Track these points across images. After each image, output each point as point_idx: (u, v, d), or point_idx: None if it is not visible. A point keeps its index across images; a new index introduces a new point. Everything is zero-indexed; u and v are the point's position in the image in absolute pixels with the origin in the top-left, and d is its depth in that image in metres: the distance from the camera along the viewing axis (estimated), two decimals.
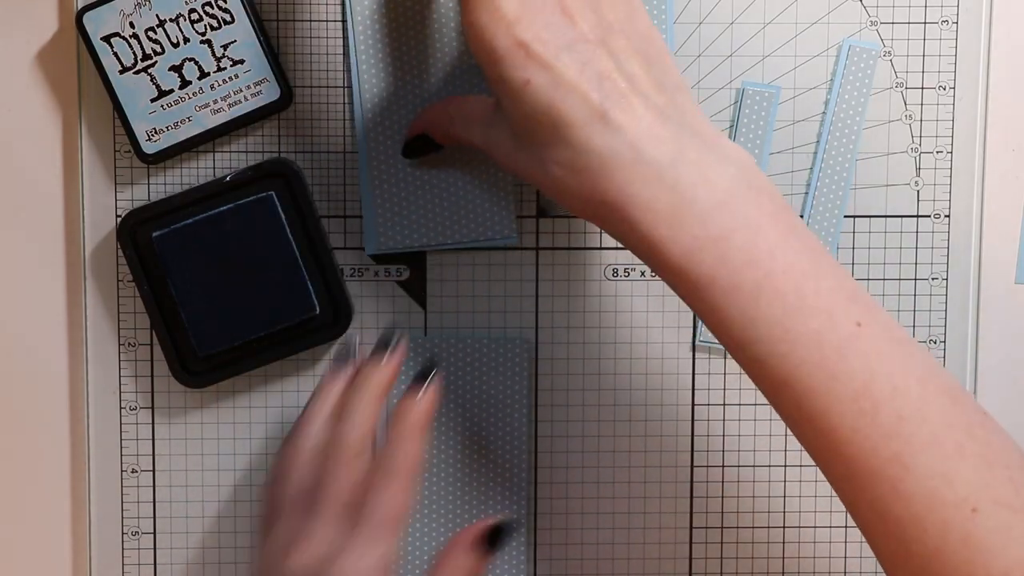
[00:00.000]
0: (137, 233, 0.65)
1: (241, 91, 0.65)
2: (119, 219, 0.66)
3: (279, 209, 0.65)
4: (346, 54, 0.66)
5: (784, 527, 0.69)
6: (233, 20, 0.65)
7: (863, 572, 0.69)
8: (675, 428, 0.69)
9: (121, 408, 0.68)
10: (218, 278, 0.65)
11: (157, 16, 0.64)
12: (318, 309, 0.65)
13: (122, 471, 0.68)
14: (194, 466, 0.68)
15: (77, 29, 0.64)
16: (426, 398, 0.61)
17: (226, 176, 0.66)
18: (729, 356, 0.68)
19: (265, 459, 0.68)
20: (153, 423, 0.68)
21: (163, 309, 0.66)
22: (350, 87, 0.67)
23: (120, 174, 0.67)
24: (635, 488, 0.69)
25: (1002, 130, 0.68)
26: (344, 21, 0.66)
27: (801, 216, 0.68)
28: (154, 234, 0.65)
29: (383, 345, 0.62)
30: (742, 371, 0.50)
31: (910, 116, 0.68)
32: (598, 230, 0.68)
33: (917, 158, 0.68)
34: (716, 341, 0.68)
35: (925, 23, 0.67)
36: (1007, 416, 0.69)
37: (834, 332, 0.51)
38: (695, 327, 0.68)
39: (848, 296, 0.52)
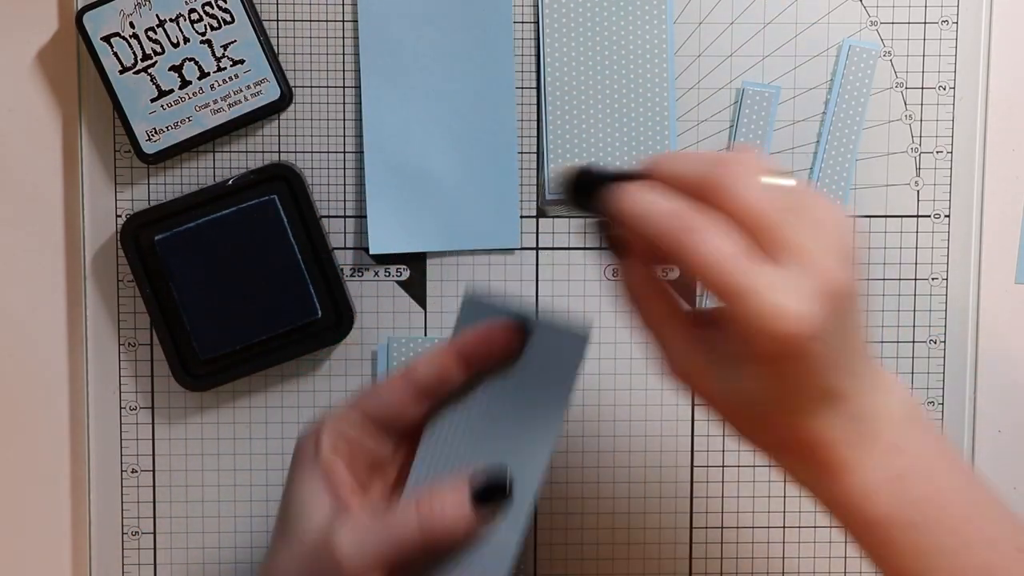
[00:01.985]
0: (140, 236, 0.65)
1: (241, 91, 0.65)
2: (121, 221, 0.66)
3: (281, 212, 0.65)
4: (355, 53, 0.66)
5: (784, 527, 0.69)
6: (233, 20, 0.65)
7: (863, 572, 0.69)
8: (675, 428, 0.69)
9: (121, 408, 0.68)
10: (220, 281, 0.65)
11: (157, 16, 0.64)
12: (320, 313, 0.65)
13: (122, 471, 0.68)
14: (194, 466, 0.68)
15: (77, 29, 0.64)
16: None
17: (228, 179, 0.65)
18: None
19: (265, 459, 0.68)
20: (153, 423, 0.68)
21: (165, 312, 0.65)
22: (356, 87, 0.66)
23: (120, 174, 0.67)
24: (635, 488, 0.69)
25: (1002, 130, 0.68)
26: (354, 21, 0.66)
27: None
28: (157, 237, 0.65)
29: None
30: None
31: (910, 116, 0.68)
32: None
33: (917, 158, 0.68)
34: None
35: (925, 23, 0.67)
36: (1006, 417, 0.69)
37: (1001, 560, 0.51)
38: None
39: (1010, 523, 0.52)
